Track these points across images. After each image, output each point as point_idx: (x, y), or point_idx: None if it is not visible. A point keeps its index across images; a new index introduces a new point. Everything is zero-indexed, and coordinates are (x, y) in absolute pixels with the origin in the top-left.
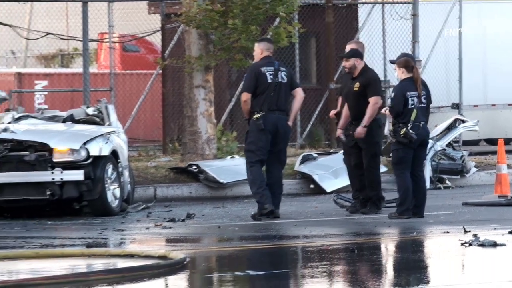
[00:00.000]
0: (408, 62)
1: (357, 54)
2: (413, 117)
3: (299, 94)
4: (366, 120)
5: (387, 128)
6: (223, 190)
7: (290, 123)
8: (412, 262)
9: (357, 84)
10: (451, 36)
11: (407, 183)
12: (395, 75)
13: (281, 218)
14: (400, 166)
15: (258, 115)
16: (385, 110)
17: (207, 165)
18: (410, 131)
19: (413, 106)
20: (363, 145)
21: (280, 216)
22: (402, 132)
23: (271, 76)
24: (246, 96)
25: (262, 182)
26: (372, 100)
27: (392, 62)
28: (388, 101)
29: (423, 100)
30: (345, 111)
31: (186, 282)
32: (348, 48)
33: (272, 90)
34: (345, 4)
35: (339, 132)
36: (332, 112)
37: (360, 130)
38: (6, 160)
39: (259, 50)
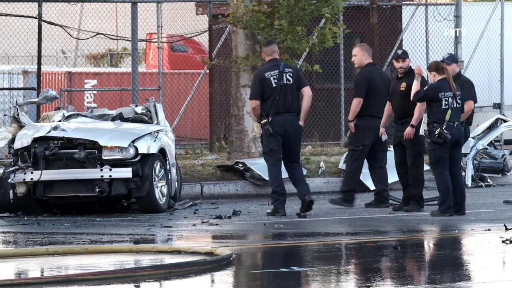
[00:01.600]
0: (437, 64)
1: (408, 54)
2: (447, 117)
3: (306, 93)
4: (414, 120)
5: (422, 128)
6: (268, 188)
7: (301, 122)
8: (453, 259)
9: (403, 84)
10: (493, 37)
11: (446, 181)
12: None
13: (325, 216)
14: (438, 165)
15: (265, 120)
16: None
17: (253, 163)
18: (445, 131)
19: (447, 107)
20: (408, 144)
21: (314, 200)
22: (436, 132)
23: (275, 80)
24: (254, 104)
25: (278, 186)
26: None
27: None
28: None
29: (458, 101)
30: (388, 110)
31: (232, 278)
32: (356, 51)
33: (278, 93)
34: (389, 6)
35: (382, 130)
36: None
37: (409, 130)
38: (56, 158)
39: (264, 54)
